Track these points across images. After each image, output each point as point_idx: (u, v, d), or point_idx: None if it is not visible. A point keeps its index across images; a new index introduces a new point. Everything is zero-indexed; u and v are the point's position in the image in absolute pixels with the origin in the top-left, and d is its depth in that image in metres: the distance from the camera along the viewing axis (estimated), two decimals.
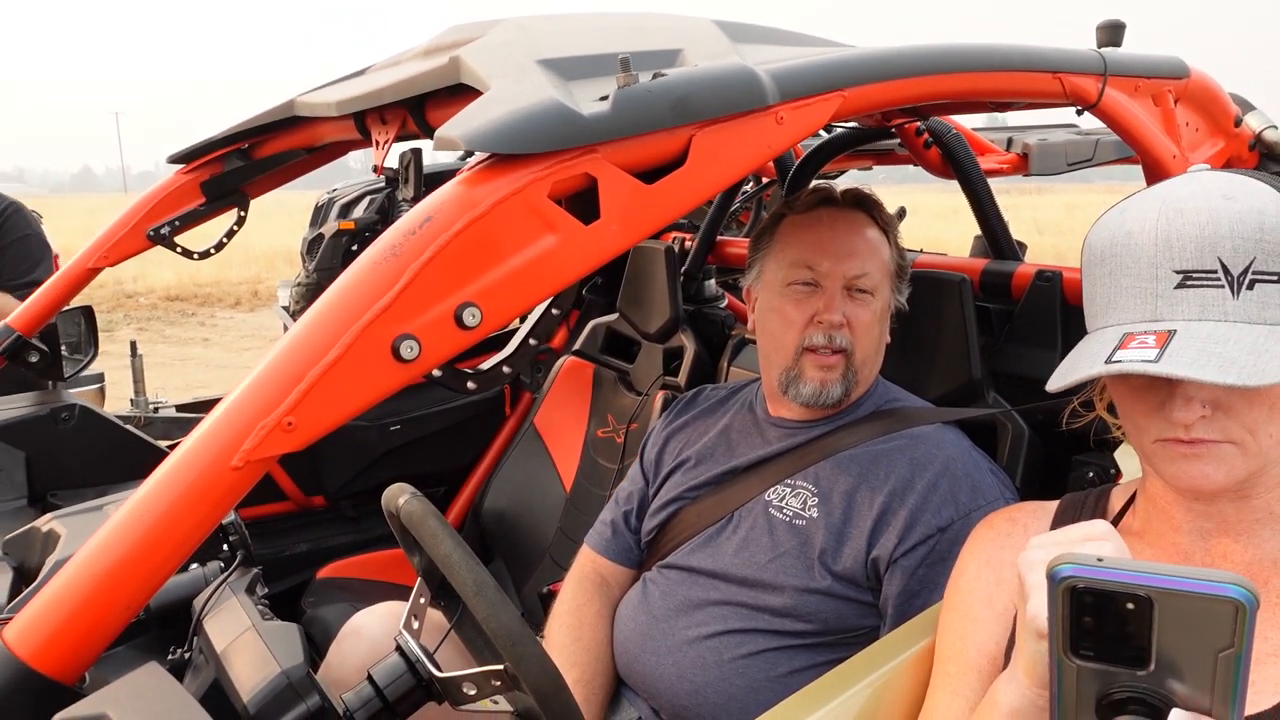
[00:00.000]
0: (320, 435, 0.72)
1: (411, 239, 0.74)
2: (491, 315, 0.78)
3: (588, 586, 1.64)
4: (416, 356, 0.74)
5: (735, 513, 1.49)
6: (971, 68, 1.07)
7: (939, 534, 1.32)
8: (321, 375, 0.70)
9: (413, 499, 1.22)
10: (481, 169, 0.79)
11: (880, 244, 1.47)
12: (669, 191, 0.86)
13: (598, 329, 2.71)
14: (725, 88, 0.88)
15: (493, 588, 1.13)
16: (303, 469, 2.49)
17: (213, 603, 1.16)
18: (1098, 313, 0.92)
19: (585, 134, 0.80)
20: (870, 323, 1.44)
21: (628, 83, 0.84)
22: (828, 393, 1.43)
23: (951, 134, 1.89)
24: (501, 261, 0.78)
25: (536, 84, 0.85)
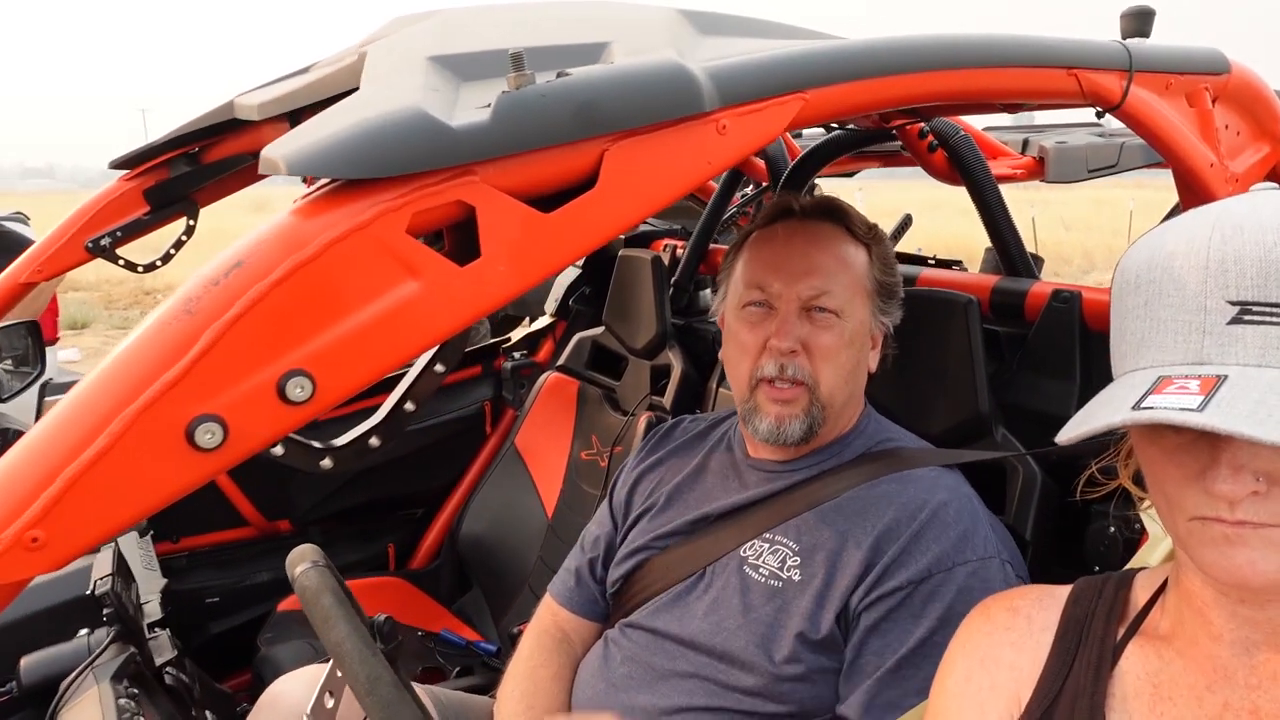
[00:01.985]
0: (81, 552, 0.55)
1: (213, 291, 0.57)
2: (328, 386, 0.60)
3: (546, 643, 1.46)
4: (221, 443, 0.57)
5: (708, 569, 1.31)
6: (966, 64, 0.88)
7: (912, 586, 1.13)
8: (80, 475, 0.53)
9: (310, 570, 1.06)
10: (317, 199, 0.62)
11: (852, 258, 1.27)
12: (574, 220, 0.68)
13: (583, 343, 2.54)
14: (647, 90, 0.70)
15: (388, 684, 0.96)
16: (266, 492, 2.34)
17: (74, 690, 1.00)
18: (1127, 353, 0.73)
19: (455, 151, 0.62)
20: (834, 348, 1.24)
21: (520, 84, 0.66)
22: (785, 430, 1.25)
23: (959, 136, 1.69)
24: (341, 317, 0.60)
25: (407, 87, 0.68)
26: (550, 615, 1.51)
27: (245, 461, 1.79)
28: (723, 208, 2.38)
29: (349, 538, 2.48)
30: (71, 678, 1.03)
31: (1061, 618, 0.87)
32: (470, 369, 2.65)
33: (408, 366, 1.77)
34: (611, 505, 1.53)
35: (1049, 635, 0.86)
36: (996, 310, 1.65)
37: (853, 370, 1.27)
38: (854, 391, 1.29)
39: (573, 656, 1.45)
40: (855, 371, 1.28)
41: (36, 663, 1.10)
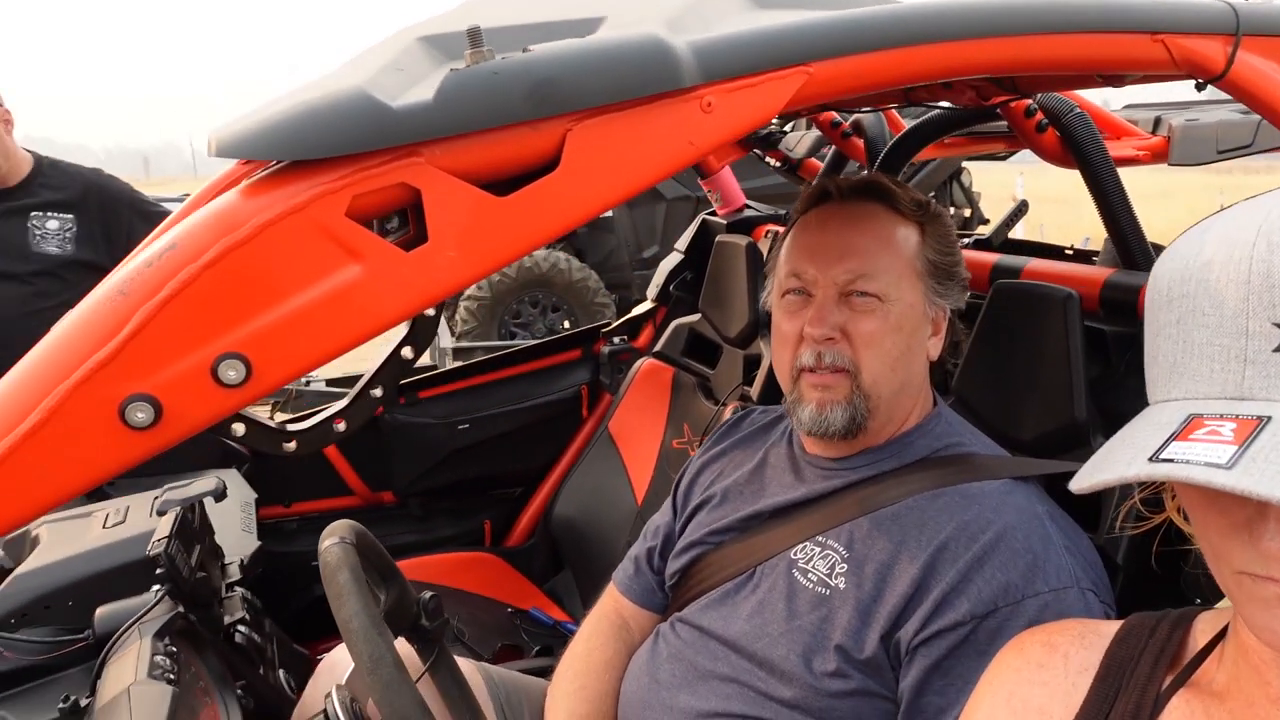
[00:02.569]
0: (19, 525, 0.57)
1: (146, 273, 0.58)
2: (265, 369, 0.60)
3: (604, 627, 1.45)
4: (154, 423, 0.58)
5: (758, 569, 1.26)
6: (1011, 30, 0.77)
7: (975, 621, 1.03)
8: (16, 447, 0.55)
9: (335, 546, 1.09)
10: (258, 181, 0.61)
11: (897, 237, 1.18)
12: (532, 204, 0.65)
13: (680, 329, 2.50)
14: (614, 66, 0.65)
15: (390, 665, 0.97)
16: (369, 463, 2.44)
17: (121, 644, 1.07)
18: (1159, 379, 0.63)
19: (396, 131, 0.60)
20: (878, 333, 1.15)
21: (476, 61, 0.64)
22: (827, 418, 1.17)
23: (1072, 114, 1.53)
24: (278, 301, 0.60)
25: (369, 67, 0.66)
26: (611, 601, 1.49)
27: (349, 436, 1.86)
28: None
29: (447, 512, 2.55)
30: (120, 632, 1.10)
31: (1104, 658, 0.77)
32: (570, 352, 2.66)
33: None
34: (675, 495, 1.49)
35: (1087, 677, 0.76)
36: (1107, 307, 1.49)
37: (901, 357, 1.17)
38: (906, 380, 1.19)
39: (629, 643, 1.42)
40: (905, 358, 1.17)
41: (109, 614, 1.19)
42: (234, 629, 1.35)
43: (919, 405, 1.23)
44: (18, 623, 1.25)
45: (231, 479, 1.93)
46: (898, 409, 1.20)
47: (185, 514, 1.26)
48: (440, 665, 1.31)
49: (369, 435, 2.40)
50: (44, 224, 2.57)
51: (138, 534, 1.36)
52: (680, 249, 2.69)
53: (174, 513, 1.23)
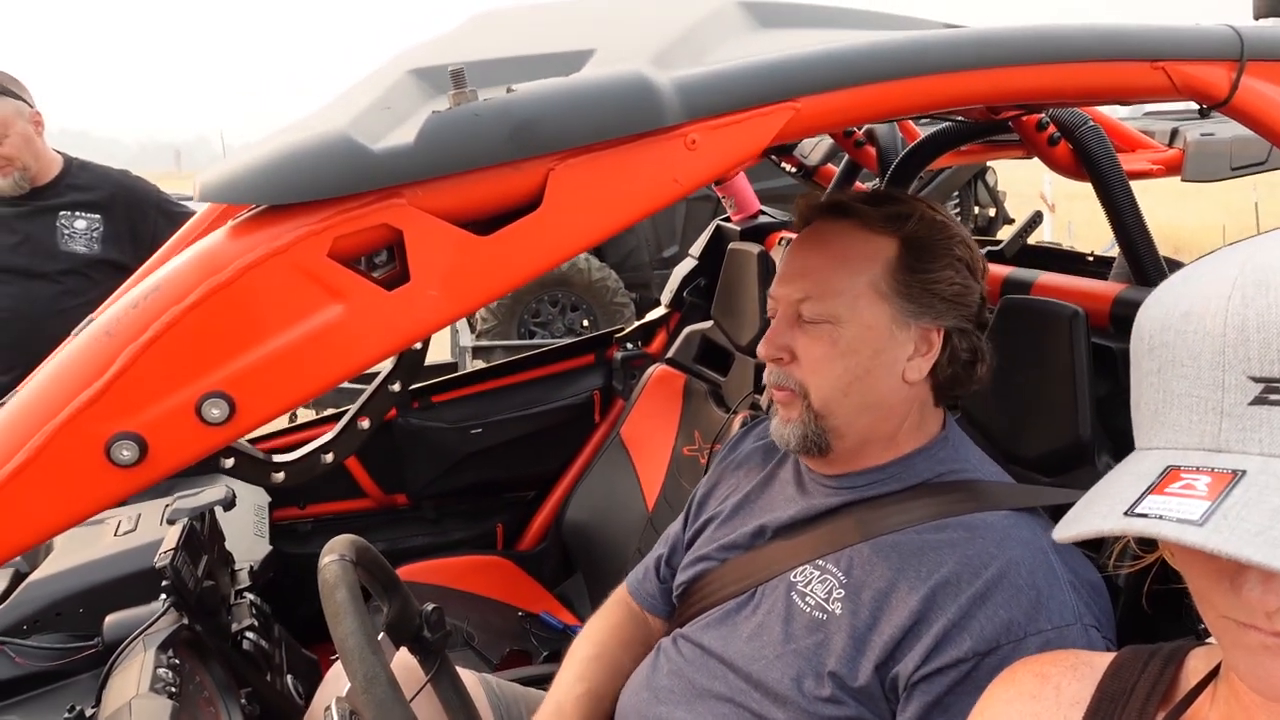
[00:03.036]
0: (7, 558, 0.59)
1: (132, 314, 0.59)
2: (248, 408, 0.61)
3: (625, 614, 1.47)
4: (138, 460, 0.59)
5: (759, 589, 1.26)
6: (1004, 61, 0.77)
7: (977, 658, 1.02)
8: (4, 484, 0.57)
9: (334, 563, 1.10)
10: (241, 223, 0.62)
11: (858, 255, 1.13)
12: (514, 243, 0.65)
13: (692, 336, 2.50)
14: (596, 106, 0.65)
15: (384, 684, 0.98)
16: (383, 466, 2.46)
17: (126, 655, 1.09)
18: (1143, 425, 0.63)
19: (377, 175, 0.61)
20: (825, 358, 1.13)
21: (459, 102, 0.64)
22: (784, 434, 1.18)
23: (1086, 127, 1.51)
24: (261, 340, 0.61)
25: (355, 105, 0.67)
26: (626, 597, 1.51)
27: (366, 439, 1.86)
28: None
29: (460, 515, 2.57)
30: (125, 643, 1.13)
31: (1096, 691, 0.77)
32: (583, 357, 2.67)
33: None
34: (691, 504, 1.50)
35: (1078, 711, 0.76)
36: (1118, 324, 1.47)
37: (857, 380, 1.13)
38: (869, 402, 1.15)
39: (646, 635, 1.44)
40: (864, 381, 1.13)
41: (118, 622, 1.22)
42: (242, 636, 1.38)
43: (917, 425, 1.21)
44: (29, 629, 1.28)
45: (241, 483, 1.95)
46: (874, 428, 1.17)
47: (193, 524, 1.29)
48: (442, 676, 1.32)
49: (383, 439, 2.42)
50: (72, 223, 2.62)
51: (148, 542, 1.39)
52: (694, 255, 2.69)
53: (182, 523, 1.26)
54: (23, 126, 2.52)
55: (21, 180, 2.54)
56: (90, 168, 2.71)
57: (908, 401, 1.18)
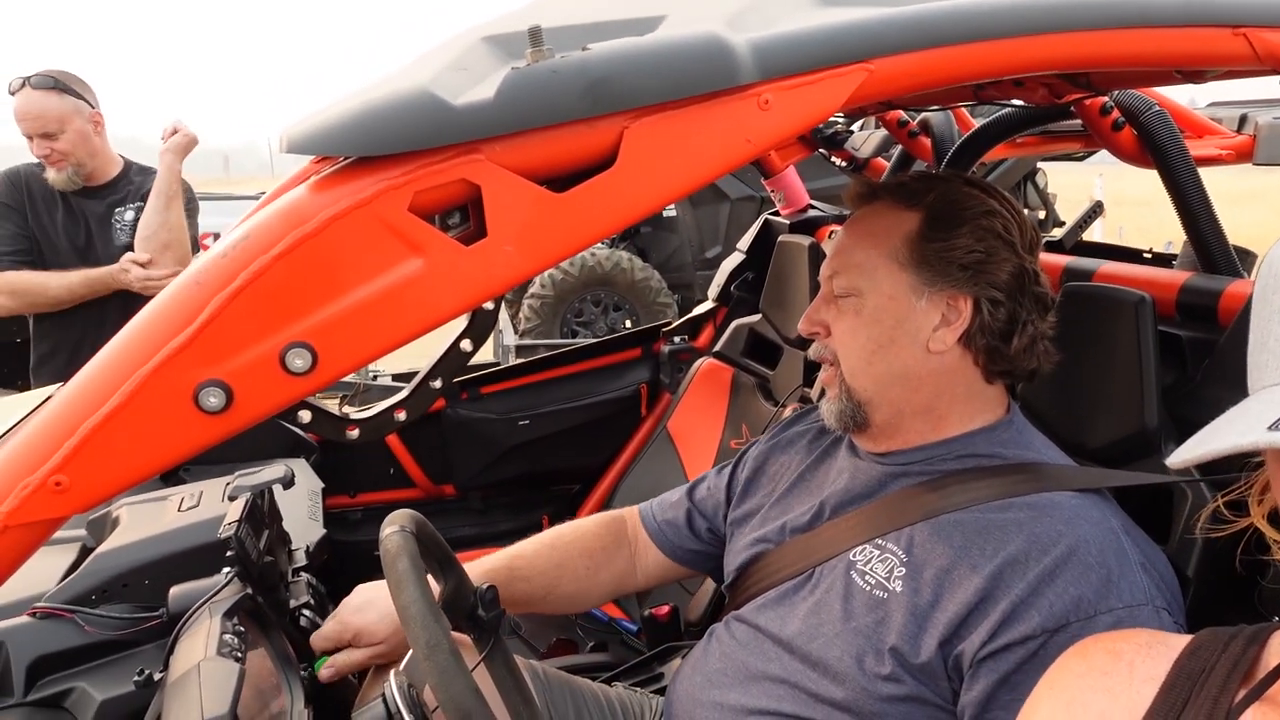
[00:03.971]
0: (102, 499, 0.60)
1: (221, 263, 0.60)
2: (330, 359, 0.62)
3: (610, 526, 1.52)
4: (225, 407, 0.60)
5: (817, 569, 1.25)
6: (1082, 25, 0.76)
7: (1046, 635, 1.00)
8: (98, 427, 0.58)
9: (395, 534, 1.11)
10: (326, 176, 0.64)
11: (880, 232, 1.17)
12: (589, 201, 0.66)
13: (740, 330, 2.50)
14: (671, 64, 0.66)
15: (447, 652, 0.99)
16: (431, 456, 2.49)
17: (193, 622, 1.11)
18: (1270, 364, 0.62)
19: (458, 129, 0.62)
20: (850, 328, 1.17)
21: (536, 60, 0.65)
22: (828, 410, 1.24)
23: (1151, 112, 1.48)
24: (343, 292, 0.62)
25: (432, 66, 0.68)
26: (629, 519, 1.54)
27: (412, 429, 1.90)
28: None
29: (506, 506, 2.59)
30: (191, 611, 1.15)
31: (1172, 669, 0.75)
32: (630, 351, 2.68)
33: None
34: (733, 475, 1.49)
35: (1152, 687, 0.74)
36: (1184, 312, 1.44)
37: (879, 350, 1.16)
38: (893, 372, 1.17)
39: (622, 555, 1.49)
40: (886, 350, 1.16)
41: (182, 594, 1.24)
42: (299, 612, 1.40)
43: (967, 403, 1.19)
44: (98, 599, 1.31)
45: (300, 468, 1.98)
46: (907, 401, 1.18)
47: (255, 500, 1.31)
48: (496, 656, 1.33)
49: (431, 429, 2.45)
50: (123, 216, 2.69)
51: (210, 518, 1.42)
52: (742, 249, 2.68)
53: (244, 498, 1.28)
54: (80, 124, 2.59)
55: (75, 176, 2.61)
56: (150, 171, 2.79)
57: (939, 374, 1.17)
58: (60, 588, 1.31)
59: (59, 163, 2.57)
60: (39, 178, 2.65)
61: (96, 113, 2.65)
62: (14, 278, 2.60)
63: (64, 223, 2.66)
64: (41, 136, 2.54)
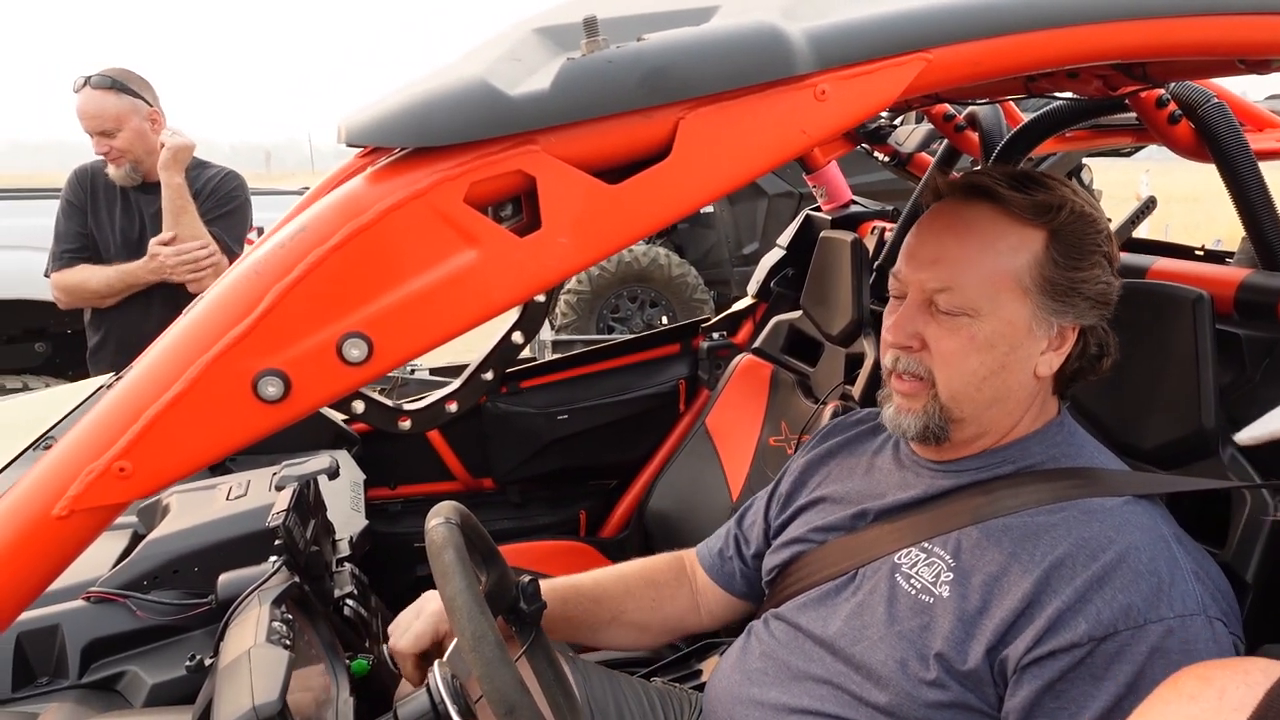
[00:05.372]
0: (164, 485, 0.61)
1: (279, 254, 0.61)
2: (385, 349, 0.62)
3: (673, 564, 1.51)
4: (283, 396, 0.61)
5: (860, 570, 1.24)
6: (1149, 13, 0.74)
7: (1093, 644, 0.98)
8: (160, 415, 0.59)
9: (441, 525, 1.12)
10: (382, 167, 0.64)
11: (1002, 246, 1.07)
12: (643, 192, 0.65)
13: (780, 326, 2.48)
14: (727, 54, 0.65)
15: (492, 643, 0.99)
16: (471, 450, 2.50)
17: (242, 609, 1.13)
18: None
19: (514, 119, 0.62)
20: (959, 352, 1.09)
21: (591, 50, 0.64)
22: (903, 422, 1.15)
23: (1209, 104, 1.44)
24: (399, 283, 0.62)
25: (486, 58, 0.68)
26: (688, 559, 1.53)
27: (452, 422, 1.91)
28: None
29: (544, 501, 2.60)
30: (241, 598, 1.17)
31: (1264, 697, 0.72)
32: (669, 347, 2.67)
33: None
34: (773, 494, 1.48)
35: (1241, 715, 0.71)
36: (1243, 310, 1.40)
37: (991, 375, 1.10)
38: (999, 396, 1.12)
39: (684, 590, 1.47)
40: (998, 376, 1.10)
41: (230, 581, 1.26)
42: (343, 602, 1.41)
43: (1032, 411, 1.17)
44: (149, 585, 1.34)
45: (342, 460, 2.01)
46: (996, 420, 1.15)
47: (302, 490, 1.33)
48: (537, 648, 1.34)
49: (472, 423, 2.47)
50: None
51: (258, 507, 1.44)
52: (782, 244, 2.66)
53: (292, 488, 1.30)
54: (137, 123, 2.65)
55: (133, 172, 2.68)
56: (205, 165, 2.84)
57: (1034, 394, 1.15)
58: (113, 573, 1.34)
59: (118, 159, 2.64)
60: (103, 174, 2.72)
61: (154, 110, 2.70)
62: (67, 274, 2.68)
63: (120, 219, 2.72)
64: (100, 134, 2.61)
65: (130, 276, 2.65)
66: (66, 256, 2.69)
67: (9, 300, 4.04)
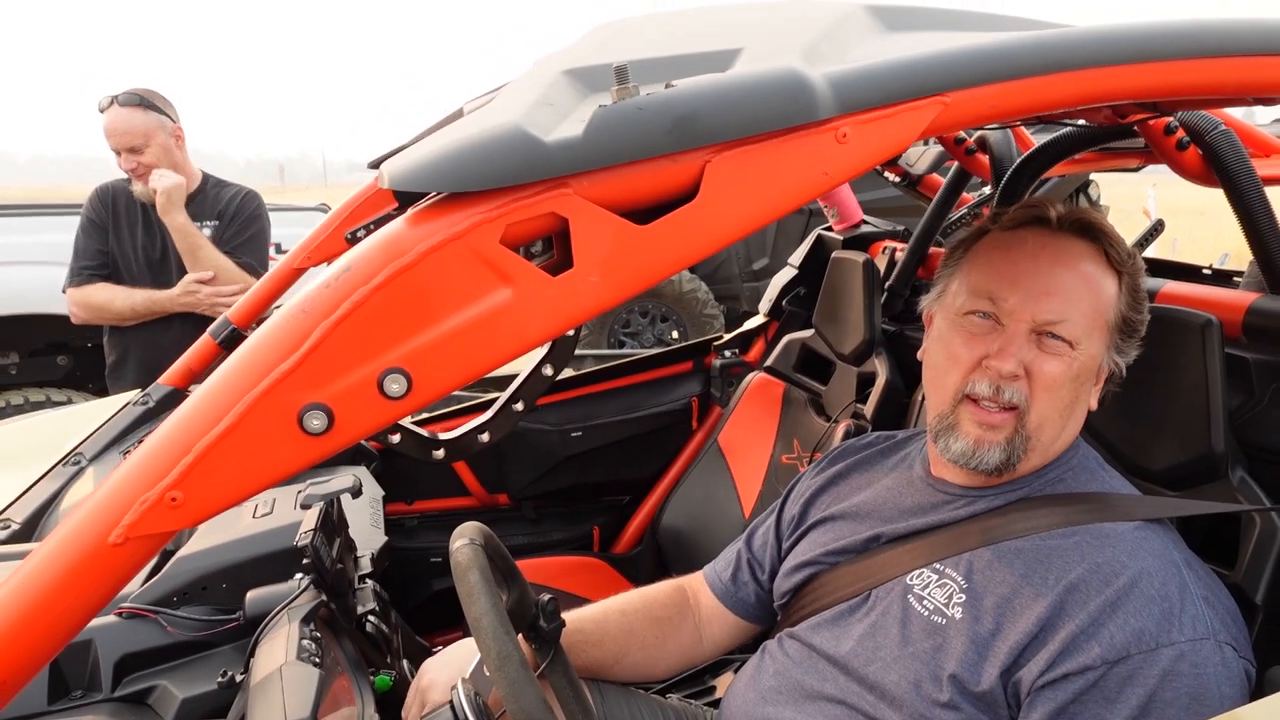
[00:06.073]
0: (213, 514, 0.64)
1: (325, 293, 0.64)
2: (424, 384, 0.65)
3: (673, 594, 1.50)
4: (327, 429, 0.64)
5: (873, 592, 1.25)
6: (1159, 56, 0.76)
7: (1106, 667, 1.00)
8: (211, 447, 0.62)
9: (466, 546, 1.14)
10: (421, 210, 0.67)
11: (1100, 286, 1.14)
12: (670, 233, 0.68)
13: (792, 345, 2.50)
14: (752, 100, 0.68)
15: (517, 663, 1.02)
16: (487, 466, 2.53)
17: (272, 626, 1.16)
18: None
19: (548, 165, 0.65)
20: (1059, 379, 1.12)
21: (622, 97, 0.67)
22: (982, 455, 1.15)
23: (1217, 131, 1.46)
24: (438, 321, 0.65)
25: (522, 102, 0.71)
26: (692, 584, 1.53)
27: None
28: (946, 210, 2.24)
29: (558, 517, 2.63)
30: (270, 616, 1.19)
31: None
32: (681, 364, 2.70)
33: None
34: (781, 515, 1.50)
35: None
36: (1251, 333, 1.42)
37: (1070, 405, 1.14)
38: (1067, 429, 1.17)
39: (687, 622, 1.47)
40: (1073, 407, 1.15)
41: (258, 598, 1.29)
42: (365, 619, 1.44)
43: (1065, 446, 1.21)
44: (179, 601, 1.37)
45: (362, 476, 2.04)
46: (1050, 453, 1.18)
47: (327, 509, 1.36)
48: (556, 666, 1.36)
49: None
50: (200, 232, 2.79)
51: (284, 524, 1.47)
52: (794, 264, 2.69)
53: (318, 507, 1.33)
54: (163, 139, 2.70)
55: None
56: (226, 185, 2.89)
57: (1078, 430, 1.20)
58: (144, 589, 1.36)
59: (144, 175, 2.69)
60: (126, 192, 2.77)
61: (178, 127, 2.76)
62: (88, 291, 2.73)
63: (142, 237, 2.77)
64: (128, 151, 2.66)
65: (158, 305, 2.70)
66: (85, 273, 2.74)
67: (32, 315, 4.10)
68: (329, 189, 34.27)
